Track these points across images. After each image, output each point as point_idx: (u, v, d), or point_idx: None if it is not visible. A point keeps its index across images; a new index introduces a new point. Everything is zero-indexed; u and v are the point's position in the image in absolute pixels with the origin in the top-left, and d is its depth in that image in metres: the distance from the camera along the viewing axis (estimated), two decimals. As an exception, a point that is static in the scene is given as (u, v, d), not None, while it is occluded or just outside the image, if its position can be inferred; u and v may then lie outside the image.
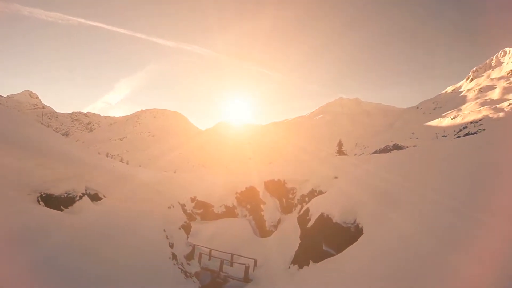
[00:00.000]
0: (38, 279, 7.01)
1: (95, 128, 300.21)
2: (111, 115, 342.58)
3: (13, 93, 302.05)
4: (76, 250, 9.06)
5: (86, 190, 13.74)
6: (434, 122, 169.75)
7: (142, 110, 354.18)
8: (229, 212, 25.89)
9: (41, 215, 9.66)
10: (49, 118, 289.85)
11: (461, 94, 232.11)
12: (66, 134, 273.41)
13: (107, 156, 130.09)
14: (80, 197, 12.68)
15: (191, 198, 27.15)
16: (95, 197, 14.28)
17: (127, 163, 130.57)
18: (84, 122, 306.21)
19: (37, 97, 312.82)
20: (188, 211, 28.02)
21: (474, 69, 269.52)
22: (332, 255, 11.11)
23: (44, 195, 10.94)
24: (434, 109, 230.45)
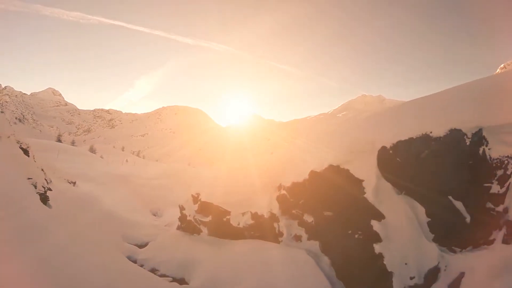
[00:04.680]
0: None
1: (117, 125, 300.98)
2: (133, 112, 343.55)
3: (37, 91, 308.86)
4: None
5: None
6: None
7: (163, 107, 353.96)
8: (261, 229, 12.77)
9: None
10: (71, 115, 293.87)
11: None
12: (88, 131, 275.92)
13: (122, 151, 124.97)
14: None
15: (192, 196, 16.18)
16: None
17: (143, 158, 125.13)
18: (106, 119, 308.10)
19: (60, 95, 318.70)
20: (188, 218, 17.10)
21: (502, 65, 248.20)
22: None
23: None
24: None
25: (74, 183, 24.36)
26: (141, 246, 18.23)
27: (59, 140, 75.19)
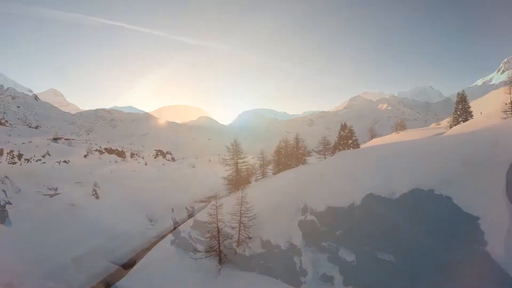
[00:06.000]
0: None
1: (118, 125, 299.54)
2: (134, 111, 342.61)
3: (39, 92, 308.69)
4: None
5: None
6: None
7: (164, 106, 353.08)
8: (274, 261, 9.49)
9: None
10: (73, 115, 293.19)
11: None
12: (90, 131, 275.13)
13: (122, 150, 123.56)
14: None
15: (186, 209, 13.47)
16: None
17: (143, 158, 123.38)
18: (107, 119, 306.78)
19: (62, 95, 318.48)
20: (182, 234, 14.30)
21: (505, 60, 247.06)
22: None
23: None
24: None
25: (56, 189, 21.65)
26: (125, 265, 15.57)
27: (55, 140, 72.75)
